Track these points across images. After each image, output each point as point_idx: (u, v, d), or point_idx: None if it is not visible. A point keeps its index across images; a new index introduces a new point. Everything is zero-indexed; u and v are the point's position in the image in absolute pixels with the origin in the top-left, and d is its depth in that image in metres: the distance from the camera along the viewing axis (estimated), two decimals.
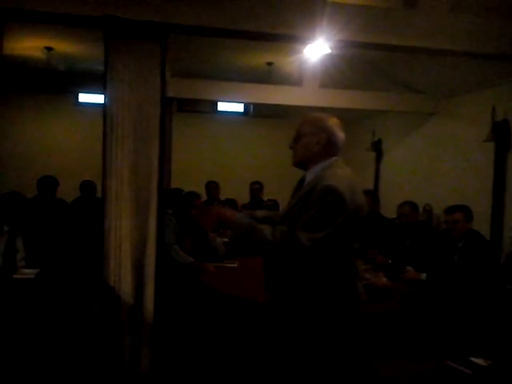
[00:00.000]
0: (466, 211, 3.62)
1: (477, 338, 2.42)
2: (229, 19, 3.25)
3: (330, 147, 2.08)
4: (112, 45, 3.20)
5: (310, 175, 2.10)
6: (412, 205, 4.31)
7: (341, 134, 2.11)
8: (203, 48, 5.34)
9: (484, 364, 1.92)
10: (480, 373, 1.88)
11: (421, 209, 5.07)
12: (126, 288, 3.24)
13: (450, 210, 3.67)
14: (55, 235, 3.98)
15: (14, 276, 3.18)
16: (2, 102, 7.15)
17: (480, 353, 1.98)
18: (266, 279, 2.13)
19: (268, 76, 6.06)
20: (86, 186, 5.59)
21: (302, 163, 2.13)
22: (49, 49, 5.56)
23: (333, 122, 2.11)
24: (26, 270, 3.28)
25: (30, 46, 5.48)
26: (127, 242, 3.24)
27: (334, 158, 2.08)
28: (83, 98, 7.76)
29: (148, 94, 3.28)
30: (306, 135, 2.09)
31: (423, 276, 3.53)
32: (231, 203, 6.37)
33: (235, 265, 4.14)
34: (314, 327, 1.95)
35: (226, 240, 5.04)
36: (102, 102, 3.27)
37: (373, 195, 5.00)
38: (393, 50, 3.75)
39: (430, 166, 6.07)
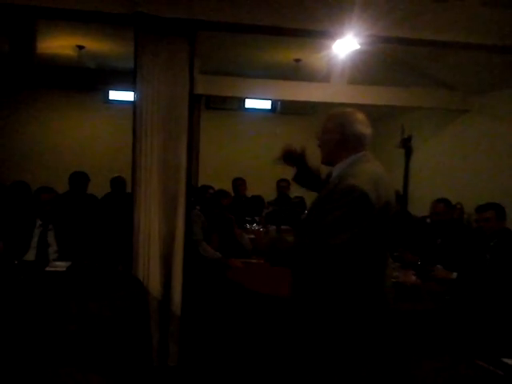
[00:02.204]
0: (498, 210, 3.53)
1: (508, 339, 2.36)
2: (256, 15, 3.25)
3: (350, 143, 2.04)
4: (141, 42, 3.24)
5: (335, 171, 2.09)
6: (447, 203, 4.22)
7: (364, 129, 2.06)
8: (231, 45, 5.36)
9: None
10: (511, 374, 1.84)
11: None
12: (154, 282, 3.29)
13: (482, 208, 3.58)
14: (86, 230, 4.06)
15: (47, 269, 3.26)
16: (35, 100, 7.34)
17: None
18: (293, 278, 2.13)
19: (296, 72, 6.03)
20: (116, 182, 5.68)
21: (328, 160, 2.12)
22: (80, 47, 5.67)
23: (354, 118, 2.07)
24: (58, 263, 3.36)
25: (61, 44, 5.58)
26: (156, 237, 3.29)
27: (362, 153, 2.05)
28: (113, 95, 7.88)
29: (176, 90, 3.32)
30: (329, 132, 2.08)
31: (453, 275, 3.47)
32: (258, 200, 6.38)
33: (262, 261, 4.14)
34: (338, 326, 1.94)
35: (253, 236, 5.06)
36: (132, 99, 3.32)
37: (398, 195, 4.92)
38: (424, 44, 3.68)
39: (461, 164, 5.94)
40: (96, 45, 5.60)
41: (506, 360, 1.91)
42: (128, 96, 7.05)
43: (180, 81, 3.31)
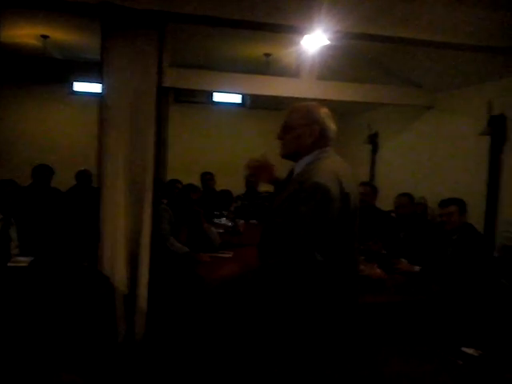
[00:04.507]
0: (460, 204, 3.63)
1: (469, 329, 2.45)
2: (226, 9, 3.23)
3: (321, 139, 2.05)
4: (109, 33, 3.18)
5: (298, 167, 2.08)
6: (410, 196, 4.35)
7: (332, 126, 2.08)
8: (201, 38, 5.31)
9: (475, 354, 1.94)
10: (471, 363, 1.90)
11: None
12: (120, 278, 3.24)
13: (444, 203, 3.67)
14: (49, 224, 3.97)
15: (8, 264, 3.17)
16: None
17: (471, 343, 2.00)
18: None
19: (266, 67, 6.03)
20: (82, 176, 5.58)
21: (292, 155, 2.10)
22: (44, 37, 5.52)
23: (325, 113, 2.08)
24: (20, 258, 3.28)
25: (25, 33, 5.43)
26: (122, 231, 3.24)
27: (325, 149, 2.06)
28: (78, 86, 7.70)
29: (144, 83, 3.27)
30: (299, 127, 2.05)
31: (416, 268, 3.56)
32: (226, 194, 6.37)
33: (230, 255, 4.15)
34: (305, 320, 1.96)
35: (221, 231, 5.06)
36: (98, 90, 3.26)
37: (373, 188, 5.02)
38: (392, 41, 3.73)
39: (425, 160, 6.08)
40: (61, 35, 5.46)
41: (465, 349, 1.97)
42: (94, 87, 6.91)
43: (148, 73, 3.27)
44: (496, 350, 1.99)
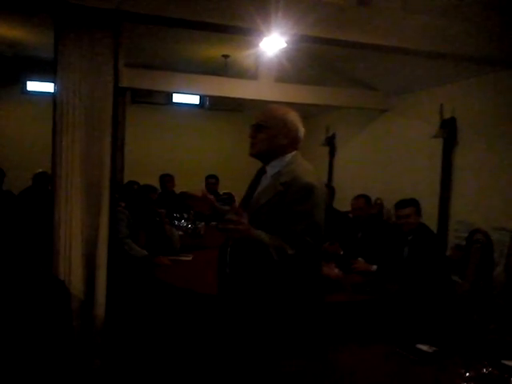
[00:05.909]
0: (416, 205, 3.68)
1: (423, 326, 2.52)
2: (183, 9, 3.20)
3: (294, 142, 2.10)
4: (62, 31, 3.09)
5: (272, 169, 2.09)
6: (366, 198, 4.43)
7: (302, 129, 2.14)
8: (158, 38, 5.25)
9: (429, 350, 2.00)
10: (425, 359, 1.96)
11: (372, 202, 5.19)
12: (76, 282, 3.16)
13: (402, 204, 3.67)
14: (1, 227, 3.83)
15: None
16: None
17: (426, 340, 2.07)
18: (220, 266, 2.13)
19: (224, 69, 6.03)
20: (39, 178, 5.41)
21: (264, 155, 2.11)
22: None
23: (297, 117, 2.13)
24: None
25: None
26: (78, 235, 3.16)
27: (295, 152, 2.11)
28: (32, 86, 7.47)
29: (100, 83, 3.20)
30: (273, 127, 2.07)
31: (373, 267, 3.63)
32: (186, 197, 6.31)
33: (190, 258, 4.12)
34: (274, 319, 1.97)
35: (181, 233, 5.01)
36: (52, 90, 3.17)
37: (331, 189, 5.09)
38: (346, 46, 3.79)
39: (381, 161, 6.23)
40: (11, 31, 5.27)
41: (420, 346, 2.04)
42: (48, 87, 6.72)
43: (104, 73, 3.20)
44: (449, 346, 2.06)
